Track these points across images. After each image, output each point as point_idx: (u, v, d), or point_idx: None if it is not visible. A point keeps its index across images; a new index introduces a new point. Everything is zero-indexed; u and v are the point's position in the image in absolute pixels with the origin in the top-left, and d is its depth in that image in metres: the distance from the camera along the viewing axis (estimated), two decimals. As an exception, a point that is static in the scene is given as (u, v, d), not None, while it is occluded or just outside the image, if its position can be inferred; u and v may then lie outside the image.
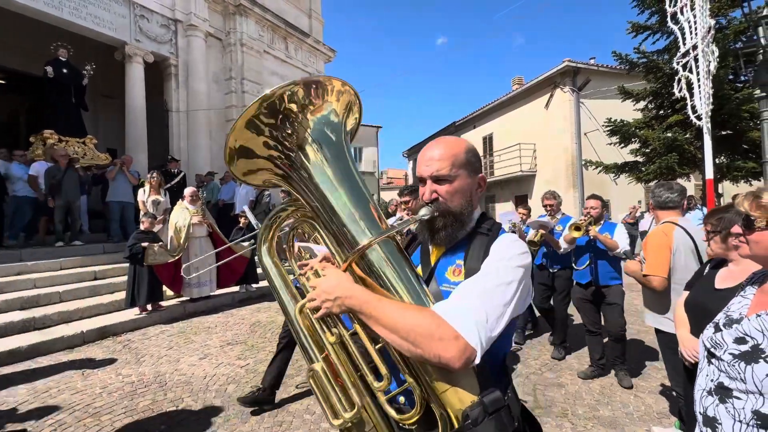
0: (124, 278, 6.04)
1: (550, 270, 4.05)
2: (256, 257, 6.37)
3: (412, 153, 26.82)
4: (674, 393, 2.36)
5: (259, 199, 9.07)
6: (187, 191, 6.00)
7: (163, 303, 5.62)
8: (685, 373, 1.81)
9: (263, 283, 6.89)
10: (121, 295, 5.57)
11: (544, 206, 4.16)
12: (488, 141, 17.88)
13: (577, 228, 3.26)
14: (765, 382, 0.85)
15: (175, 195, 7.06)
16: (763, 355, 0.87)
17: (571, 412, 2.87)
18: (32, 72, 8.70)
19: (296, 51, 12.72)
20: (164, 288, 5.61)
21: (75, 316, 4.84)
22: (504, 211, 4.89)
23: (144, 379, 3.48)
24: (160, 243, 5.45)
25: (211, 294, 6.20)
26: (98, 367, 3.78)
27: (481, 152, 14.76)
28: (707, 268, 1.90)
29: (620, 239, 3.30)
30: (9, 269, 5.26)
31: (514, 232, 3.55)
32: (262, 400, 2.92)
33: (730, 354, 0.92)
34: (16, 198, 6.37)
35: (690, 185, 11.83)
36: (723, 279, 1.71)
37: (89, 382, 3.41)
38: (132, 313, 5.19)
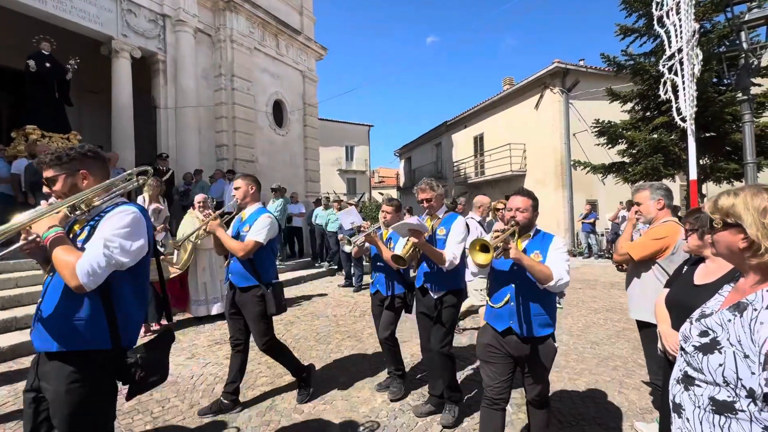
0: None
1: (433, 294, 2.72)
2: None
3: (404, 152, 26.87)
4: (655, 386, 2.42)
5: (248, 198, 8.99)
6: (197, 198, 5.37)
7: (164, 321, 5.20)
8: (666, 367, 1.86)
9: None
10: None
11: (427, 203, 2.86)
12: (479, 141, 18.00)
13: (484, 248, 1.76)
14: (718, 372, 0.91)
15: (164, 194, 6.96)
16: (718, 347, 0.92)
17: (557, 408, 2.92)
18: (14, 66, 8.48)
19: (287, 48, 12.63)
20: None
21: (58, 316, 4.74)
22: (345, 211, 4.32)
23: (129, 379, 3.43)
24: (162, 257, 4.89)
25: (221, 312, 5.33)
26: (82, 367, 3.71)
27: (471, 152, 14.84)
28: (686, 265, 1.97)
29: (557, 263, 1.96)
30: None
31: (353, 235, 3.26)
32: (225, 409, 2.87)
33: (693, 346, 0.99)
34: None
35: (675, 186, 12.09)
36: (701, 275, 1.77)
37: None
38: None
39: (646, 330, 2.39)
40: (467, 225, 2.80)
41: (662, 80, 6.24)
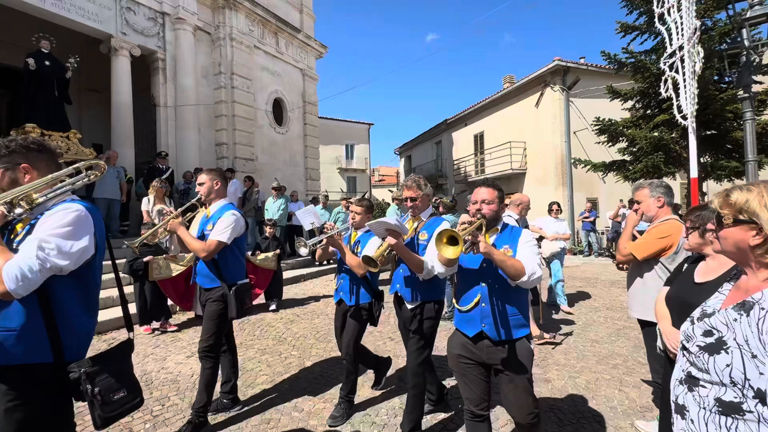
0: (110, 276, 5.92)
1: (408, 304, 2.48)
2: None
3: (404, 150, 26.84)
4: (657, 384, 2.41)
5: (247, 196, 9.01)
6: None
7: (172, 321, 5.05)
8: (667, 365, 1.86)
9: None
10: (106, 293, 5.46)
11: (405, 200, 2.54)
12: (479, 139, 17.97)
13: (453, 240, 1.67)
14: (725, 372, 0.89)
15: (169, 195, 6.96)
16: (724, 347, 0.91)
17: (557, 406, 2.91)
18: (13, 64, 8.47)
19: (287, 46, 12.60)
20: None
21: (58, 315, 4.73)
22: (303, 211, 3.92)
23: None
24: (165, 255, 4.87)
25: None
26: (82, 365, 3.70)
27: (471, 150, 14.77)
28: (686, 263, 1.96)
29: (528, 257, 1.84)
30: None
31: (314, 234, 2.90)
32: (224, 408, 2.85)
33: (697, 346, 0.97)
34: None
35: (675, 184, 12.07)
36: (701, 273, 1.77)
37: (72, 382, 3.34)
38: (117, 311, 5.10)
39: (648, 328, 2.38)
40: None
41: (663, 78, 6.21)
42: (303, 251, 2.76)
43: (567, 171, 13.48)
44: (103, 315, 4.95)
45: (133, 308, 4.86)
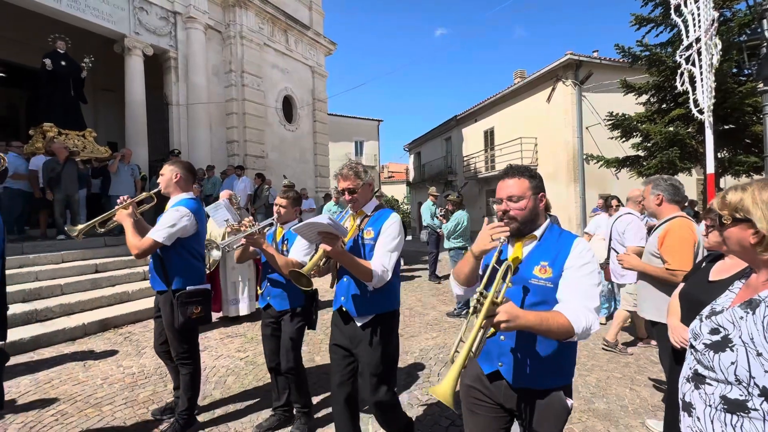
0: (125, 271, 6.09)
1: (356, 321, 1.98)
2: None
3: (414, 146, 26.74)
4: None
5: (258, 193, 9.10)
6: (223, 195, 4.86)
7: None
8: (673, 362, 1.85)
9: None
10: (123, 288, 5.61)
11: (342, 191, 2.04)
12: (489, 135, 17.80)
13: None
14: (730, 370, 0.89)
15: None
16: (729, 345, 0.90)
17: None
18: (31, 65, 8.67)
19: (297, 44, 12.65)
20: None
21: (76, 309, 4.88)
22: (213, 206, 2.74)
23: (145, 370, 3.52)
24: None
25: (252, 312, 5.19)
26: (99, 358, 3.82)
27: (482, 146, 14.58)
28: (705, 262, 1.94)
29: (582, 294, 1.29)
30: (11, 262, 5.29)
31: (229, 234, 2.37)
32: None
33: (703, 344, 0.97)
34: (9, 190, 6.28)
35: (691, 180, 11.80)
36: (717, 272, 1.74)
37: (91, 374, 3.45)
38: (132, 306, 5.23)
39: (660, 326, 2.35)
40: (403, 225, 2.03)
41: (679, 71, 6.07)
42: (215, 254, 2.29)
43: (579, 167, 13.27)
44: (120, 309, 5.09)
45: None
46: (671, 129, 8.79)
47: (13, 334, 4.03)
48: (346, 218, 2.04)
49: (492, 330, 1.16)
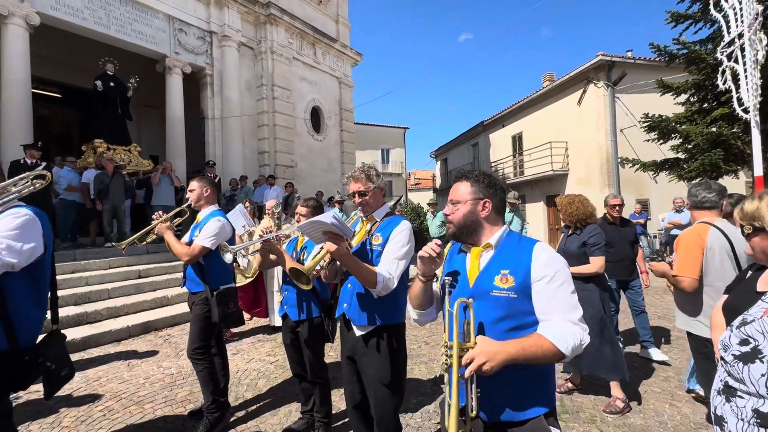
0: (165, 277, 6.44)
1: (356, 330, 1.90)
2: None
3: (440, 153, 26.64)
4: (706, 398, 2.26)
5: (289, 201, 9.37)
6: (268, 204, 5.14)
7: (236, 330, 4.89)
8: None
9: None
10: (163, 293, 5.93)
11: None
12: (518, 140, 17.47)
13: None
14: (761, 382, 0.86)
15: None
16: (760, 356, 0.87)
17: (600, 418, 2.79)
18: (84, 86, 9.44)
19: (324, 56, 13.02)
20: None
21: (122, 312, 5.21)
22: (233, 213, 3.10)
23: (182, 371, 3.70)
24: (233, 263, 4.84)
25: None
26: (142, 358, 4.06)
27: (510, 152, 14.36)
28: (750, 271, 1.84)
29: (555, 307, 1.18)
30: (64, 268, 5.74)
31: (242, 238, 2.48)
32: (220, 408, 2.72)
33: (732, 355, 0.93)
34: (64, 202, 6.87)
35: (739, 183, 11.05)
36: (765, 282, 1.65)
37: (134, 373, 3.68)
38: (172, 310, 5.51)
39: (694, 338, 2.25)
40: (413, 233, 1.93)
41: (720, 69, 5.76)
42: (227, 257, 2.25)
43: (613, 171, 12.76)
44: (160, 313, 5.38)
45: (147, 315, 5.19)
46: (713, 129, 8.30)
47: (67, 335, 4.36)
48: (358, 224, 2.03)
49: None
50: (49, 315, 1.84)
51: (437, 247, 1.25)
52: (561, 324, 1.13)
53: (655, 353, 3.84)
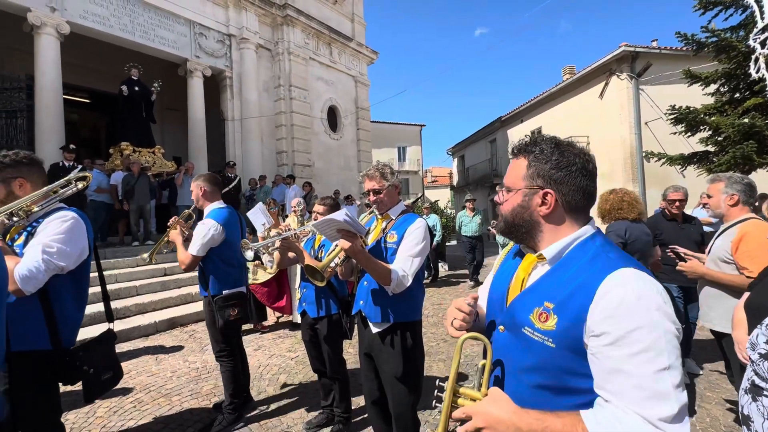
0: (190, 274, 6.64)
1: (372, 326, 1.94)
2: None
3: (457, 150, 26.40)
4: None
5: (307, 200, 9.49)
6: (293, 202, 5.25)
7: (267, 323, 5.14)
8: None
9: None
10: (187, 290, 6.13)
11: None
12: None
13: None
14: None
15: (232, 199, 7.60)
16: None
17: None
18: (110, 91, 9.81)
19: (340, 55, 13.09)
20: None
21: (149, 308, 5.41)
22: (252, 211, 2.82)
23: (207, 365, 3.83)
24: (256, 261, 4.90)
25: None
26: (169, 353, 4.22)
27: (528, 147, 14.19)
28: None
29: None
30: (93, 265, 5.98)
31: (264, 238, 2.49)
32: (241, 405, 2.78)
33: (758, 353, 0.90)
34: (94, 203, 7.14)
35: (774, 176, 10.51)
36: None
37: (161, 367, 3.82)
38: (196, 306, 5.69)
39: (728, 338, 2.17)
40: (430, 231, 1.94)
41: (753, 57, 5.49)
42: (248, 254, 2.32)
43: (638, 165, 12.36)
44: (185, 309, 5.56)
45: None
46: (746, 120, 7.92)
47: (98, 330, 4.55)
48: (373, 222, 2.05)
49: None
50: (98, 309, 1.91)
51: (466, 306, 0.95)
52: (622, 418, 0.69)
53: (690, 365, 3.53)
